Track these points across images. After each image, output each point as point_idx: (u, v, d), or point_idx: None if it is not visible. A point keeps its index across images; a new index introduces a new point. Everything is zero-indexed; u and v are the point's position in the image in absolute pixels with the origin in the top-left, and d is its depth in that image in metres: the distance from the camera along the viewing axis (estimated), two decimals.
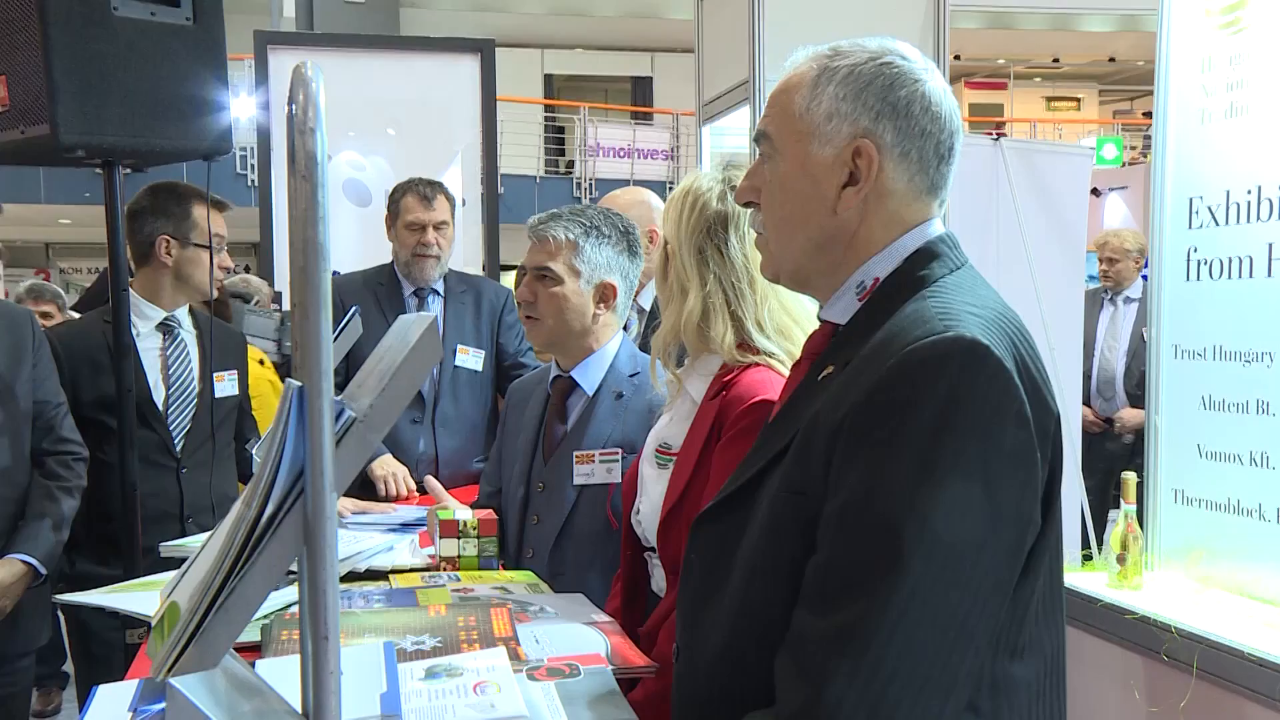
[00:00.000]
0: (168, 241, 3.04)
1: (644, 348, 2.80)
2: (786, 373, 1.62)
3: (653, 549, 1.99)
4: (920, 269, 1.28)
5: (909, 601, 1.08)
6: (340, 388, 0.92)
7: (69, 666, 4.55)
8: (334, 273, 5.23)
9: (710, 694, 1.31)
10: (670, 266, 1.89)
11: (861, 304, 1.30)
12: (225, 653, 0.93)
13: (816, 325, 1.41)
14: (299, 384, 0.89)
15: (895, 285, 1.28)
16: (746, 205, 1.41)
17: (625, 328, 2.55)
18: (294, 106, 0.90)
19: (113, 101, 2.44)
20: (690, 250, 1.85)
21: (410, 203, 3.61)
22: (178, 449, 3.07)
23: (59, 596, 2.28)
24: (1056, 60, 19.25)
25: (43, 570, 2.72)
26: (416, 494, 3.29)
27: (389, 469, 3.37)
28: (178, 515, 3.04)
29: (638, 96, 19.12)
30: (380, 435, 0.95)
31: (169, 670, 0.89)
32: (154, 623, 1.01)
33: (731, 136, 5.05)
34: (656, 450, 1.97)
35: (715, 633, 1.31)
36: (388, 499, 3.23)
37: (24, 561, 2.69)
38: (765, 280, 1.58)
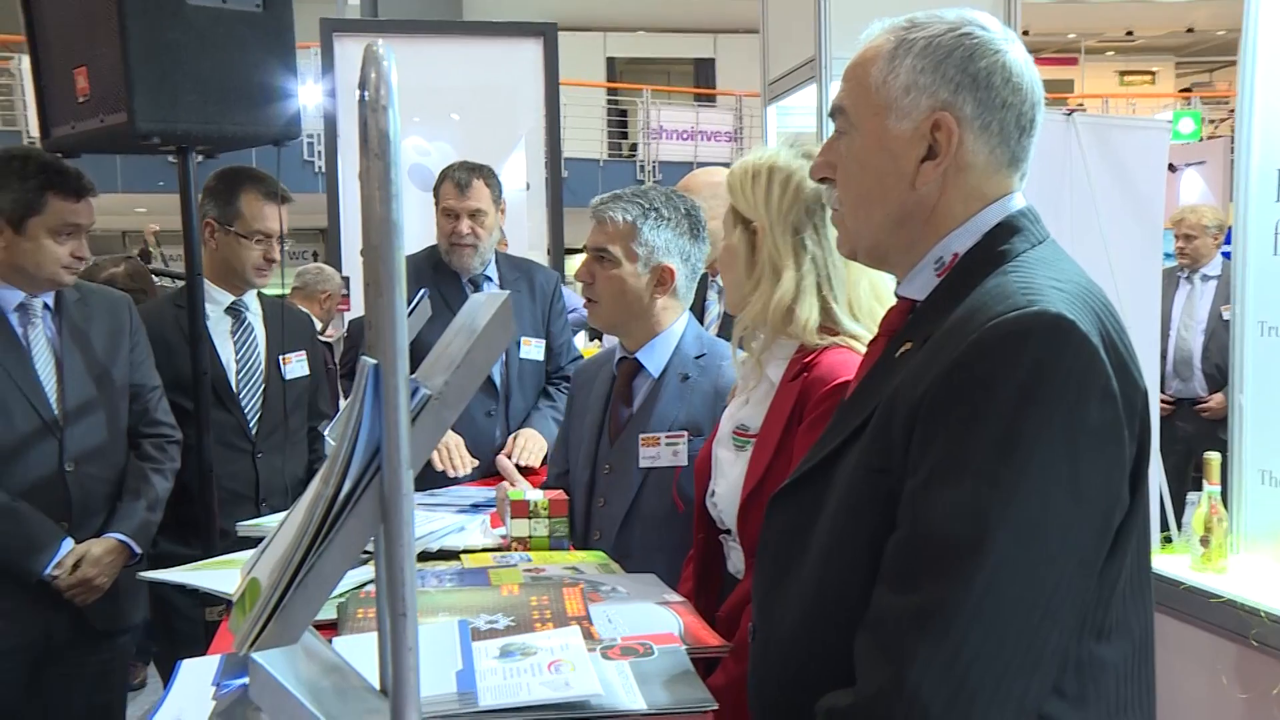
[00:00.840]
0: (211, 226, 3.09)
1: (724, 332, 2.78)
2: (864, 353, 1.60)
3: (728, 531, 1.99)
4: (1001, 244, 1.25)
5: (992, 580, 1.06)
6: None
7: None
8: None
9: (786, 674, 1.30)
10: (760, 247, 1.86)
11: (940, 280, 1.28)
12: (305, 629, 0.94)
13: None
14: (374, 362, 0.89)
15: (975, 260, 1.25)
16: (822, 181, 1.39)
17: (705, 308, 2.53)
18: (366, 85, 0.89)
19: (186, 89, 2.48)
20: (785, 230, 1.82)
21: (447, 189, 3.48)
22: (253, 432, 3.13)
23: (143, 574, 2.32)
24: (1130, 33, 18.82)
25: (137, 549, 2.79)
26: (468, 466, 3.24)
27: (445, 440, 3.26)
28: (253, 498, 3.10)
29: (700, 78, 19.04)
30: (455, 413, 0.94)
31: (251, 645, 0.89)
32: (235, 599, 1.02)
33: (797, 116, 4.99)
34: (734, 432, 1.95)
35: (791, 612, 1.30)
36: (443, 474, 3.19)
37: (120, 540, 2.76)
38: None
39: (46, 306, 2.76)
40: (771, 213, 1.83)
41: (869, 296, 1.83)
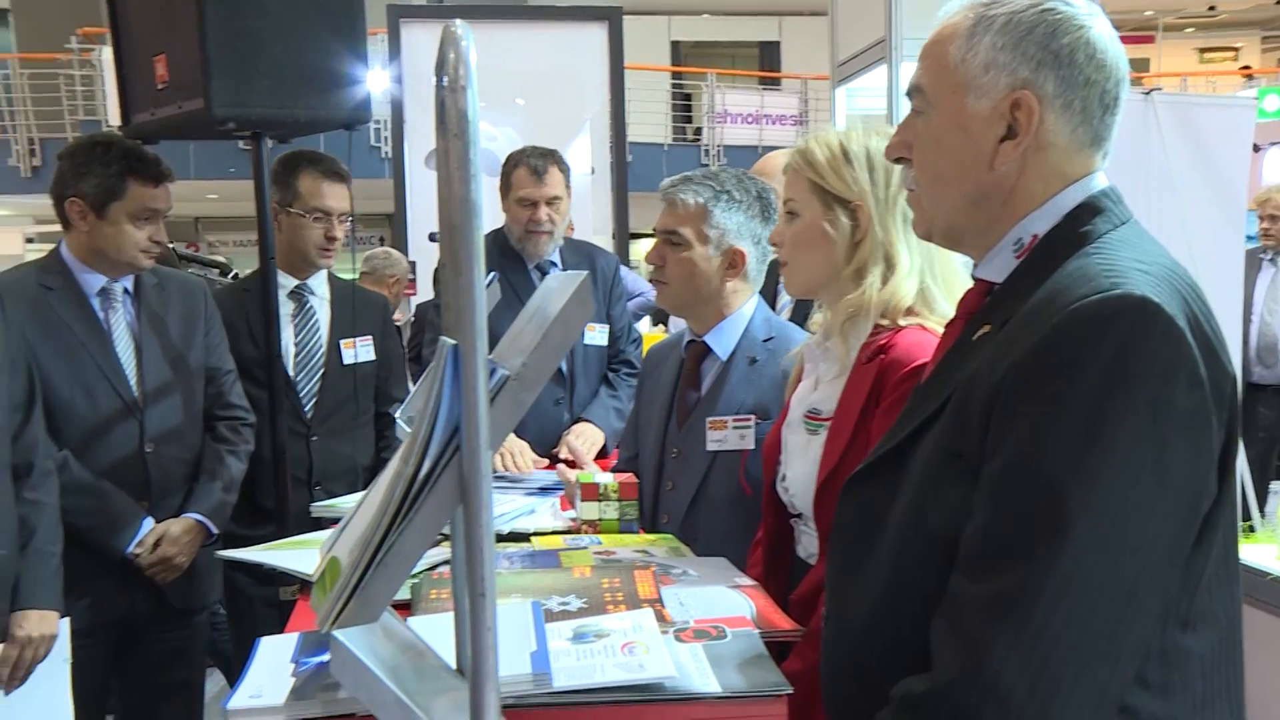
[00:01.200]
0: (275, 209, 3.12)
1: (795, 316, 2.76)
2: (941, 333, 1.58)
3: (798, 515, 1.98)
4: (1083, 225, 1.22)
5: (1073, 567, 1.04)
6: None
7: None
8: (435, 236, 5.28)
9: (860, 659, 1.29)
10: (865, 230, 1.84)
11: (1019, 262, 1.25)
12: (385, 607, 0.95)
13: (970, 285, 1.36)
14: (453, 342, 0.89)
15: (1056, 242, 1.22)
16: (897, 161, 1.37)
17: (778, 292, 2.51)
18: (445, 65, 0.90)
19: (260, 75, 2.51)
20: (895, 213, 1.81)
21: (522, 177, 3.42)
22: (308, 415, 3.16)
23: (221, 553, 2.37)
24: (1213, 8, 18.31)
25: (214, 529, 2.84)
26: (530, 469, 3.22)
27: (509, 444, 3.27)
28: (305, 481, 3.12)
29: (765, 62, 18.92)
30: (533, 395, 0.95)
31: (333, 623, 0.91)
32: (315, 578, 1.04)
33: (866, 97, 4.94)
34: (805, 416, 1.93)
35: (865, 597, 1.29)
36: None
37: (198, 520, 2.81)
38: None
39: (126, 291, 2.82)
40: (879, 195, 1.82)
41: (955, 277, 1.82)
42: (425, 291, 6.26)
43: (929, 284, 1.82)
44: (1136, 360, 1.06)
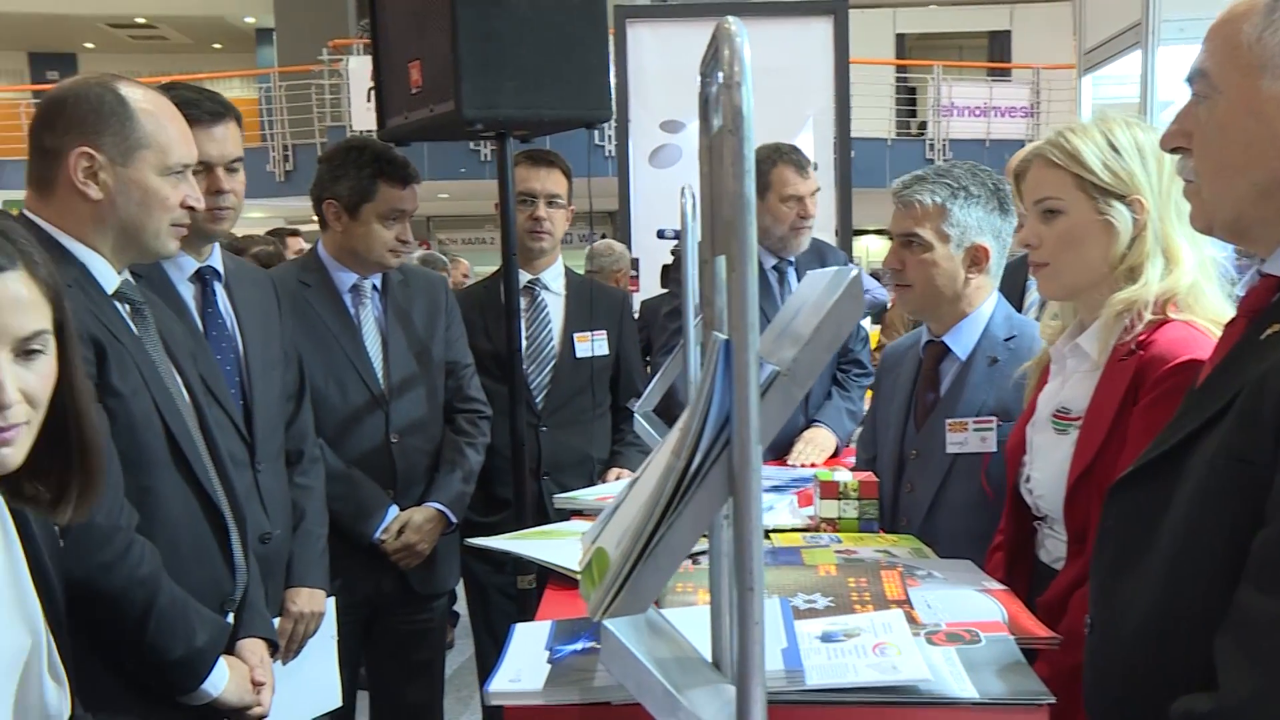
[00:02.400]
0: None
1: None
2: (1210, 330, 1.50)
3: (1042, 518, 1.91)
4: None
5: None
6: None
7: (459, 607, 4.95)
8: (664, 234, 5.29)
9: (1130, 670, 1.23)
10: (1146, 227, 1.76)
11: None
12: (654, 599, 0.96)
13: None
14: (725, 337, 0.90)
15: None
16: (1173, 151, 1.30)
17: (1026, 289, 2.44)
18: (720, 62, 0.90)
19: (507, 76, 2.59)
20: (1176, 214, 1.73)
21: (787, 174, 3.40)
22: (538, 407, 3.23)
23: (471, 540, 2.46)
24: None
25: (454, 518, 2.95)
26: None
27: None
28: (535, 471, 3.19)
29: (995, 52, 18.29)
30: (803, 390, 0.94)
31: (604, 613, 0.92)
32: (582, 568, 1.06)
33: (1113, 85, 4.70)
34: (1054, 415, 1.87)
35: (1136, 606, 1.23)
36: None
37: (439, 509, 2.92)
38: None
39: (375, 287, 2.95)
40: (1154, 187, 1.74)
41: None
42: (648, 288, 6.35)
43: (1200, 280, 1.73)
44: None
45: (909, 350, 2.50)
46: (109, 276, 1.90)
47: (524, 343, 3.17)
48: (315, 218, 2.93)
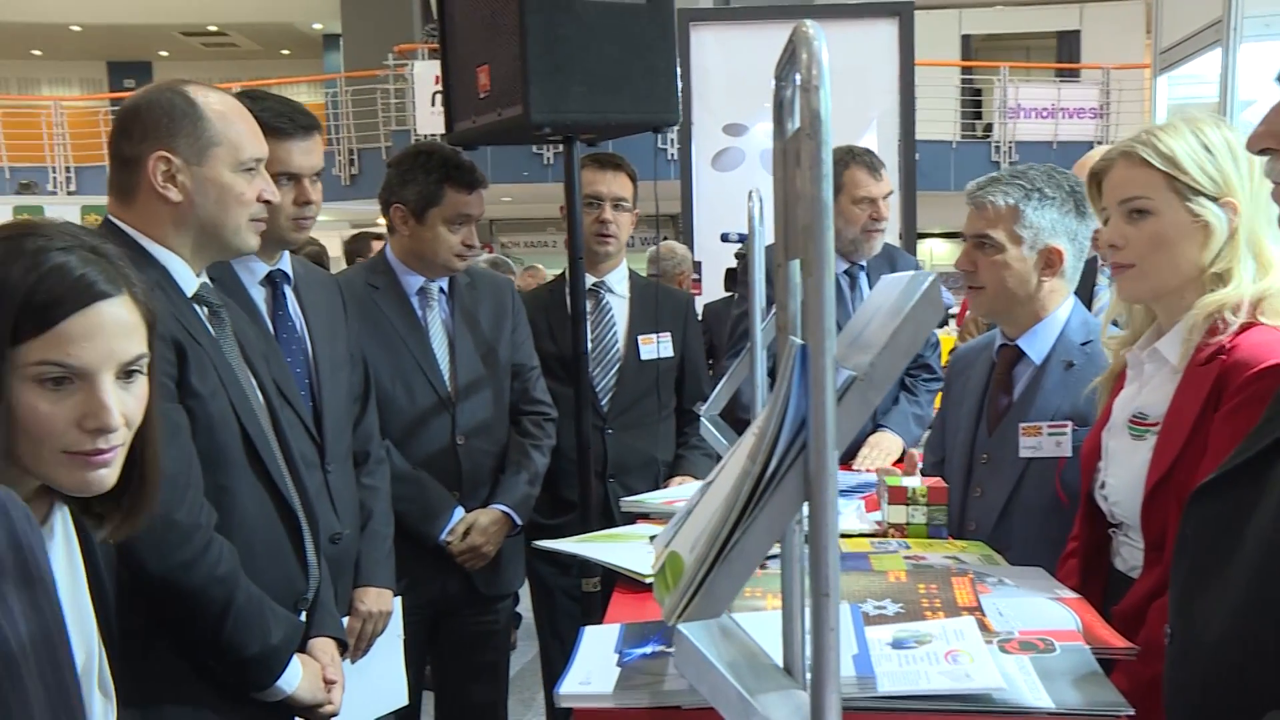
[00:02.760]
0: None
1: None
2: None
3: (1117, 525, 1.88)
4: None
5: None
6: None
7: (520, 608, 4.97)
8: (728, 237, 5.27)
9: (1214, 681, 1.20)
10: (1236, 231, 1.74)
11: None
12: (729, 603, 0.96)
13: None
14: (801, 342, 0.89)
15: None
16: (1261, 153, 1.27)
17: (1095, 293, 2.40)
18: (798, 65, 0.90)
19: (575, 80, 2.60)
20: (1268, 218, 1.70)
21: (860, 176, 3.37)
22: (603, 409, 3.24)
23: (538, 543, 2.47)
24: None
25: (519, 520, 2.96)
26: None
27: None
28: (601, 473, 3.20)
29: (1063, 52, 18.02)
30: (880, 394, 0.93)
31: (679, 617, 0.92)
32: (655, 572, 1.06)
33: (1190, 85, 4.60)
34: (1130, 420, 1.84)
35: (1219, 615, 1.20)
36: None
37: (504, 511, 2.93)
38: None
39: (442, 290, 2.98)
40: (1247, 188, 1.71)
41: None
42: (710, 291, 6.34)
43: None
44: None
45: (980, 354, 2.48)
46: (188, 279, 1.94)
47: (589, 345, 3.18)
48: (380, 220, 2.96)
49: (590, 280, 3.25)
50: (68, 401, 1.28)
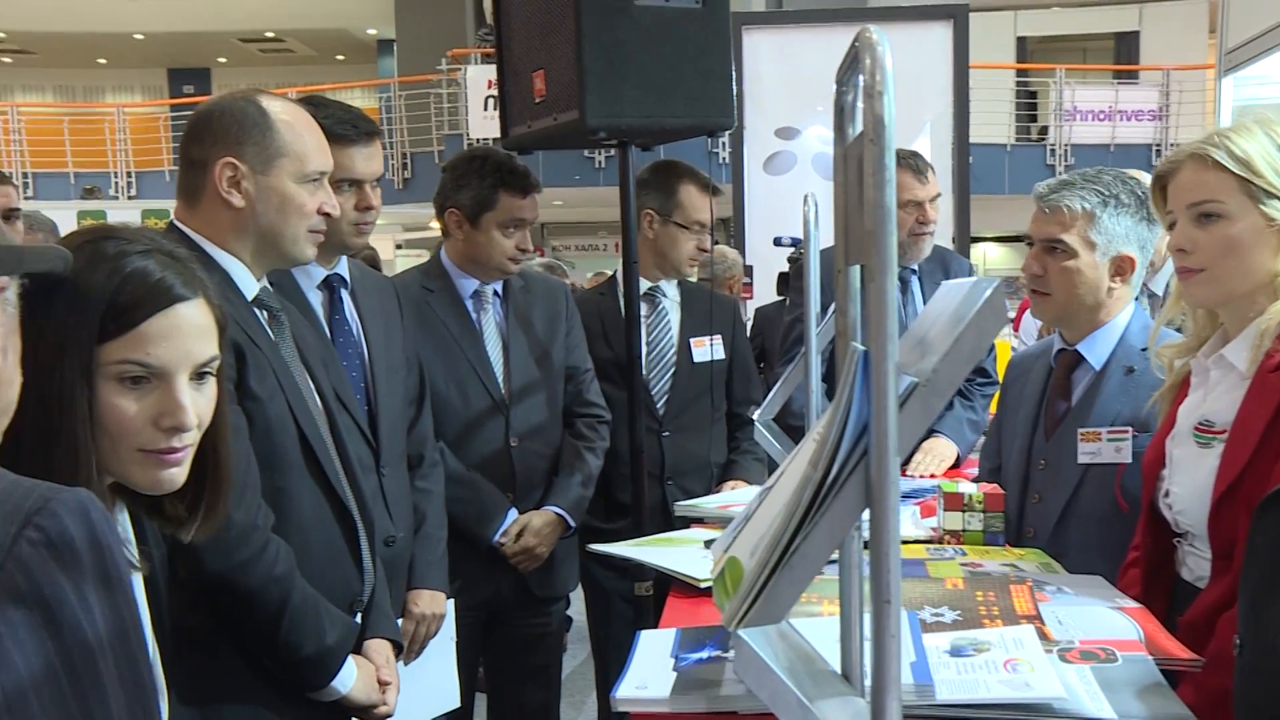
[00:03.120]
0: (650, 216, 3.22)
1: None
2: None
3: (1182, 535, 1.85)
4: None
5: None
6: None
7: (571, 611, 4.99)
8: (781, 241, 5.27)
9: None
10: None
11: None
12: (789, 609, 0.95)
13: None
14: (863, 348, 0.89)
15: None
16: None
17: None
18: (861, 70, 0.89)
19: (630, 85, 2.61)
20: None
21: (905, 179, 3.35)
22: (660, 413, 3.25)
23: (593, 546, 2.48)
24: None
25: (572, 522, 2.97)
26: None
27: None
28: (659, 476, 3.21)
29: (1122, 53, 17.77)
30: (943, 401, 0.92)
31: (739, 622, 0.92)
32: (714, 576, 1.06)
33: (1257, 86, 4.51)
34: (1196, 428, 1.81)
35: None
36: None
37: (557, 513, 2.94)
38: None
39: (496, 293, 3.00)
40: None
41: None
42: (762, 295, 6.32)
43: None
44: None
45: (1038, 359, 2.45)
46: (249, 283, 1.97)
47: (645, 349, 3.19)
48: (434, 223, 2.99)
49: (645, 285, 3.26)
50: (145, 400, 1.31)
